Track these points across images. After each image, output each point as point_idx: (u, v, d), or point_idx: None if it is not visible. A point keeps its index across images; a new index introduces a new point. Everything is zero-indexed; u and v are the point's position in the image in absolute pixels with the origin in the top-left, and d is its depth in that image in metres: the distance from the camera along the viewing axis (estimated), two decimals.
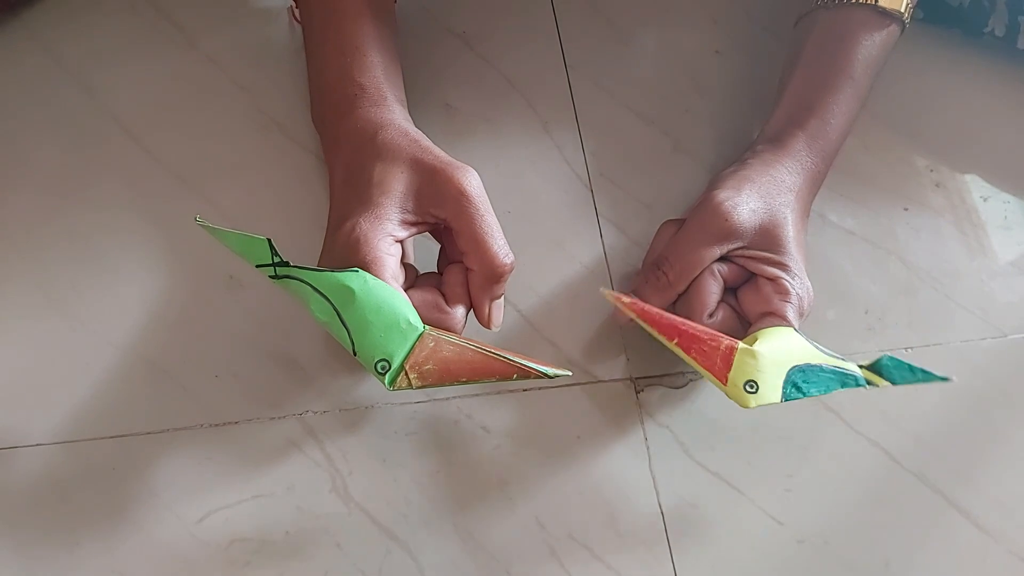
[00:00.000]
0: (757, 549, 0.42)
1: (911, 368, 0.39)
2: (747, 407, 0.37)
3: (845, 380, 0.39)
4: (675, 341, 0.38)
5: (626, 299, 0.38)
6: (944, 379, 0.38)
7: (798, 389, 0.38)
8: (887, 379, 0.39)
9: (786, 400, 0.38)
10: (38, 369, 0.42)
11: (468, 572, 0.40)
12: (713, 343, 0.38)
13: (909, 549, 0.43)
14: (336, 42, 0.43)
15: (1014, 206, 0.53)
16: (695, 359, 0.38)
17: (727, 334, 0.41)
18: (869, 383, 0.39)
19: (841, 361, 0.39)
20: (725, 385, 0.37)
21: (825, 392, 0.38)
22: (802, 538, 0.43)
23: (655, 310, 0.38)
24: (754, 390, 0.37)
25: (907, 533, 0.43)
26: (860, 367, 0.39)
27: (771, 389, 0.37)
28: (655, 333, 0.38)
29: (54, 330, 0.43)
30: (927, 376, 0.39)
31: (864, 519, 0.43)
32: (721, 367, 0.37)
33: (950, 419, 0.46)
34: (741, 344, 0.38)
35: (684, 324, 0.38)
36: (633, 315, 0.38)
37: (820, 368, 0.38)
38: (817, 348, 0.39)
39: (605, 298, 0.38)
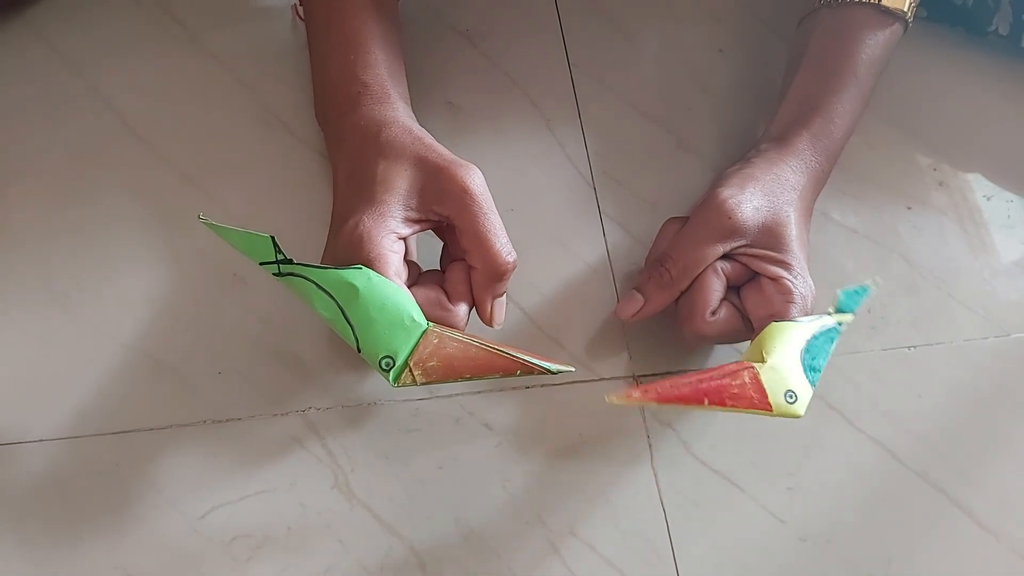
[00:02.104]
0: (759, 547, 0.42)
1: (857, 291, 0.41)
2: (800, 416, 0.37)
3: (831, 335, 0.40)
4: (706, 402, 0.37)
5: (637, 394, 0.37)
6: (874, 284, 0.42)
7: (814, 370, 0.39)
8: (847, 311, 0.41)
9: (814, 386, 0.38)
10: (41, 365, 0.42)
11: (470, 569, 0.40)
12: (737, 381, 0.37)
13: (911, 548, 0.43)
14: (340, 39, 0.43)
15: (1017, 205, 0.53)
16: (735, 406, 0.37)
17: (730, 332, 0.42)
18: (840, 324, 0.41)
19: (819, 320, 0.40)
20: (772, 411, 0.37)
21: (828, 355, 0.39)
22: (804, 536, 0.43)
23: (667, 387, 0.37)
24: (794, 399, 0.37)
25: (909, 532, 0.43)
26: (830, 315, 0.40)
27: (803, 388, 0.38)
28: (683, 407, 0.38)
29: (57, 326, 0.43)
30: (864, 289, 0.42)
31: (866, 518, 0.43)
32: (759, 398, 0.37)
33: (953, 418, 0.46)
34: (756, 365, 0.38)
35: (701, 381, 0.37)
36: (651, 404, 0.38)
37: (813, 338, 0.39)
38: (800, 323, 0.40)
39: (615, 404, 0.37)
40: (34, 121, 0.47)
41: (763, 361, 0.38)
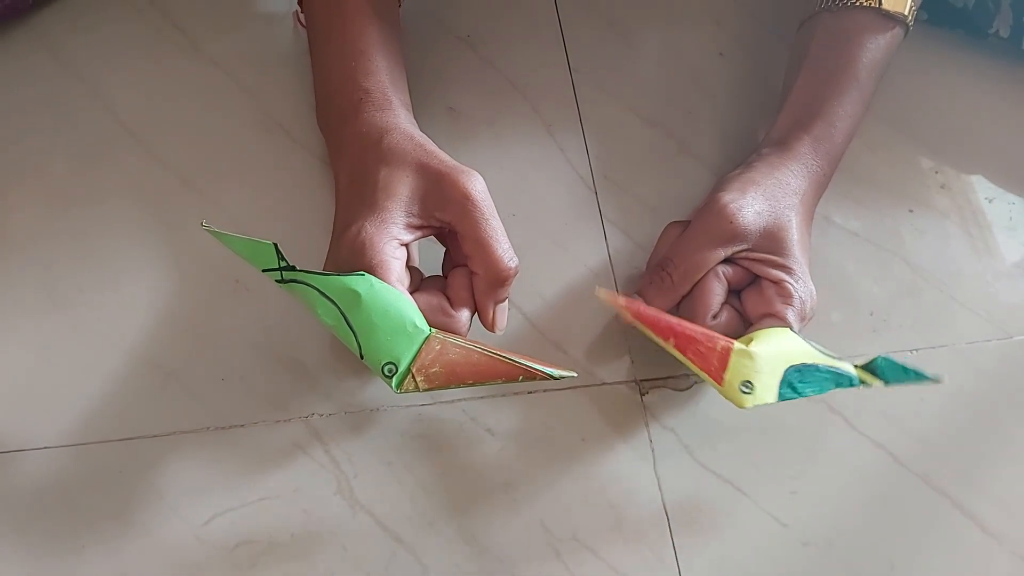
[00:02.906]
0: (761, 551, 0.42)
1: (904, 368, 0.39)
2: (743, 407, 0.38)
3: (840, 380, 0.39)
4: (671, 342, 0.38)
5: (623, 300, 0.38)
6: (935, 380, 0.39)
7: (794, 389, 0.38)
8: (880, 379, 0.39)
9: (782, 400, 0.38)
10: (44, 373, 0.42)
11: (472, 574, 0.40)
12: (709, 344, 0.38)
13: (913, 551, 0.43)
14: (340, 46, 0.43)
15: (1019, 207, 0.53)
16: (691, 360, 0.38)
17: (730, 336, 0.42)
18: (863, 383, 0.39)
19: (837, 361, 0.39)
20: (721, 385, 0.38)
21: (820, 392, 0.38)
22: (806, 540, 0.43)
23: (652, 311, 0.39)
24: (749, 390, 0.38)
25: (911, 535, 0.43)
26: (855, 367, 0.39)
27: (767, 389, 0.38)
28: (651, 334, 0.38)
29: (60, 333, 0.43)
30: (919, 376, 0.39)
31: (868, 521, 0.43)
32: (717, 368, 0.38)
33: (955, 421, 0.46)
34: (737, 344, 0.38)
35: (680, 325, 0.38)
36: (629, 316, 0.38)
37: (816, 368, 0.39)
38: (814, 347, 0.39)
39: (601, 298, 0.39)
40: (36, 125, 0.47)
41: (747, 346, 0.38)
